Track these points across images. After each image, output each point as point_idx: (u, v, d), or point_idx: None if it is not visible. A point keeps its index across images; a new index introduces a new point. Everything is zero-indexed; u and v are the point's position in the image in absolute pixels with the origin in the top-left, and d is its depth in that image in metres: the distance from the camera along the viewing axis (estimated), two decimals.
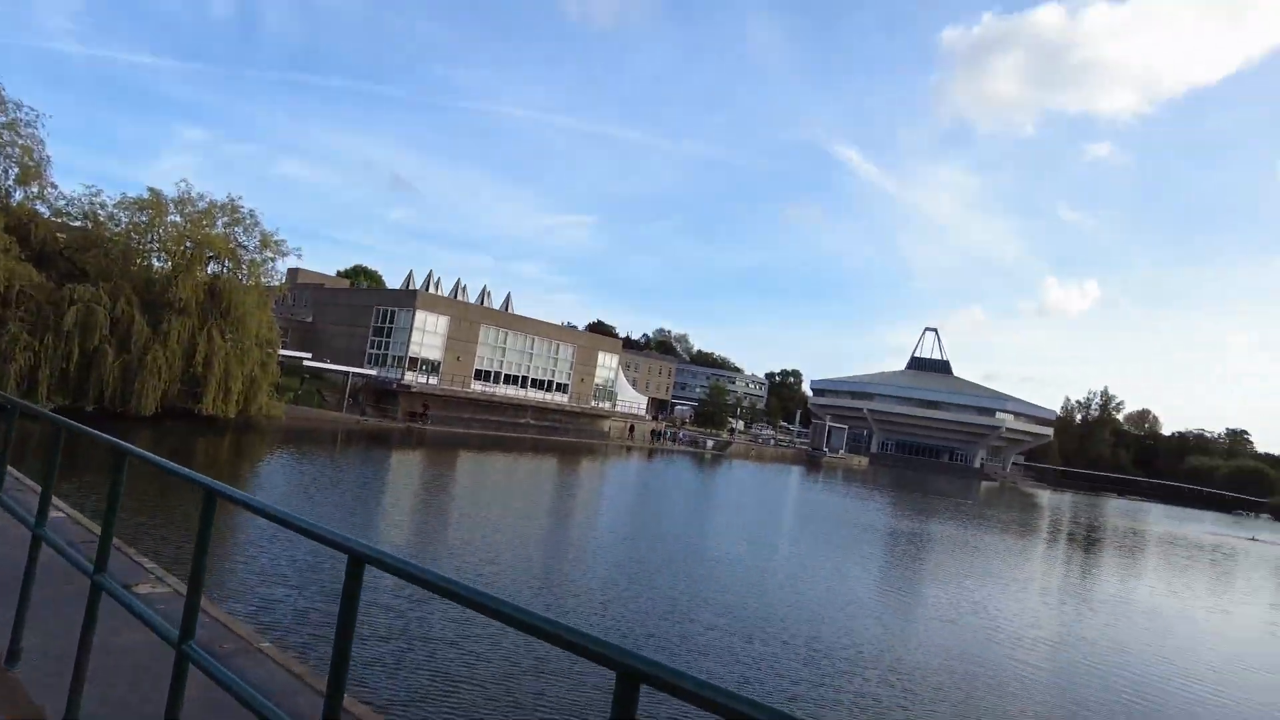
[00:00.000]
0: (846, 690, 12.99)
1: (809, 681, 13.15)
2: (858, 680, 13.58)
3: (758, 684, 12.66)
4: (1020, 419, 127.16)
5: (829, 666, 14.09)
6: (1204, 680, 17.32)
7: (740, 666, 13.43)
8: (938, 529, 40.59)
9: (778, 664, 13.83)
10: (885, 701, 12.73)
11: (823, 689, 12.87)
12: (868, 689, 13.21)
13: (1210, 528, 73.63)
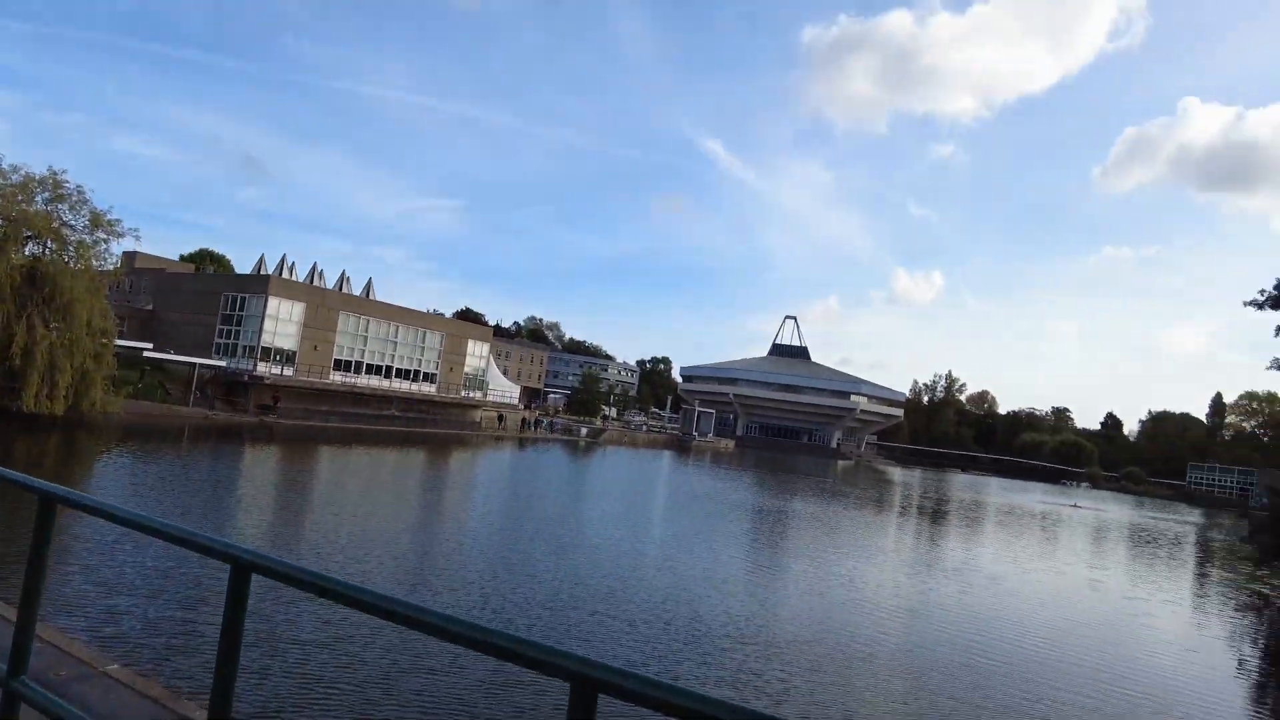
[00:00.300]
0: (728, 667, 13.23)
1: (693, 660, 13.30)
2: (738, 656, 13.87)
3: (644, 668, 12.68)
4: (873, 401, 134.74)
5: (711, 645, 14.32)
6: (1044, 637, 18.87)
7: (625, 650, 13.41)
8: (801, 506, 42.37)
9: (661, 645, 13.92)
10: (766, 675, 13.06)
11: (706, 667, 13.05)
12: (749, 664, 13.51)
13: (1040, 497, 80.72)
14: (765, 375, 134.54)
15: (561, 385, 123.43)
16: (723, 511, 36.42)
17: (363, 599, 2.11)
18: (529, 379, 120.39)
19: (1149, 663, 17.96)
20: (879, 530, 38.37)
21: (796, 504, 43.59)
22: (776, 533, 32.11)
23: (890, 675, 14.11)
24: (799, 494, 49.93)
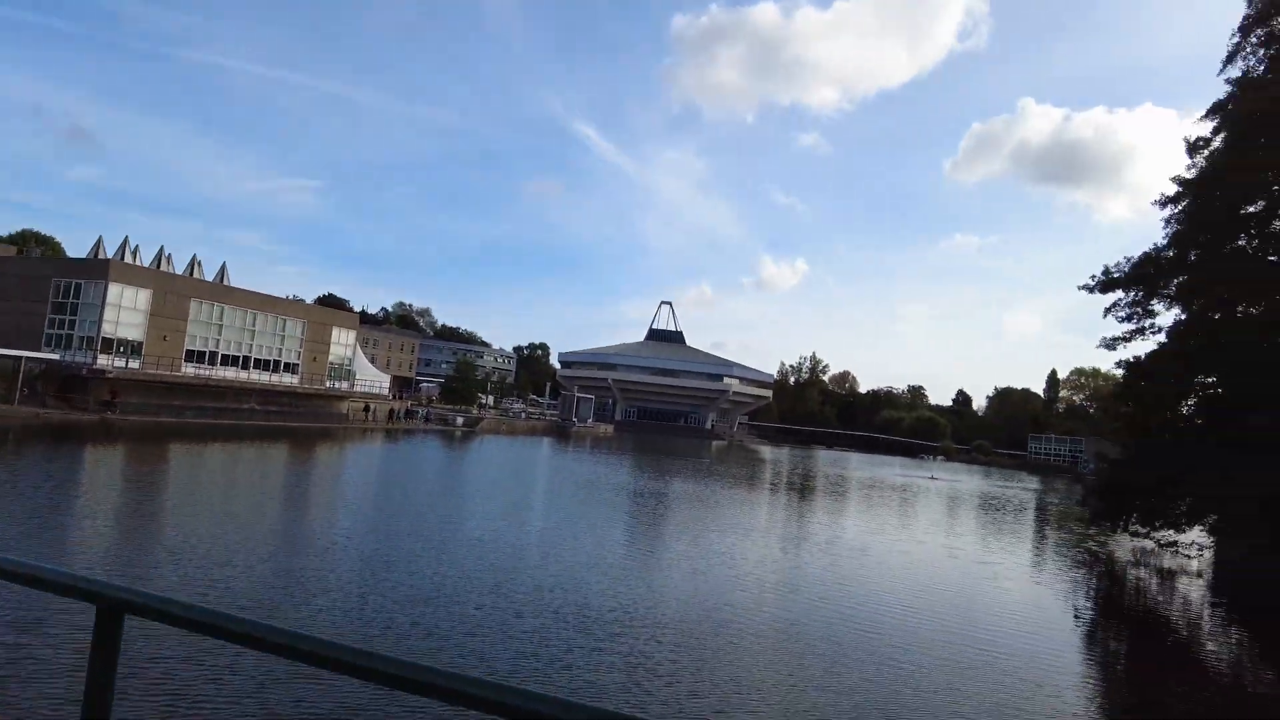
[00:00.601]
0: (619, 651, 13.26)
1: (583, 648, 13.24)
2: (628, 640, 13.93)
3: (534, 658, 12.52)
4: (744, 383, 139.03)
5: (601, 631, 14.30)
6: (909, 604, 20.03)
7: (515, 642, 13.19)
8: (680, 487, 43.19)
9: (551, 635, 13.79)
10: (656, 658, 13.17)
11: (599, 654, 13.03)
12: (639, 647, 13.59)
13: (899, 470, 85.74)
14: (643, 360, 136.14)
15: (435, 374, 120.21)
16: (604, 496, 36.58)
17: (266, 637, 1.84)
18: (400, 368, 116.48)
19: (1002, 621, 19.38)
20: (755, 507, 39.63)
21: (675, 485, 44.38)
22: (658, 514, 32.55)
23: (774, 649, 14.55)
24: (677, 475, 50.87)
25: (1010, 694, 13.36)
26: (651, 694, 11.57)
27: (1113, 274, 32.99)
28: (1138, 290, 31.69)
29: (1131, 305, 32.47)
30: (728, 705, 11.51)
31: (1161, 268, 30.13)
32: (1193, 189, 28.63)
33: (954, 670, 14.26)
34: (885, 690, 12.79)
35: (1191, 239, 27.77)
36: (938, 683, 13.41)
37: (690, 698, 11.67)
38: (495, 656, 12.49)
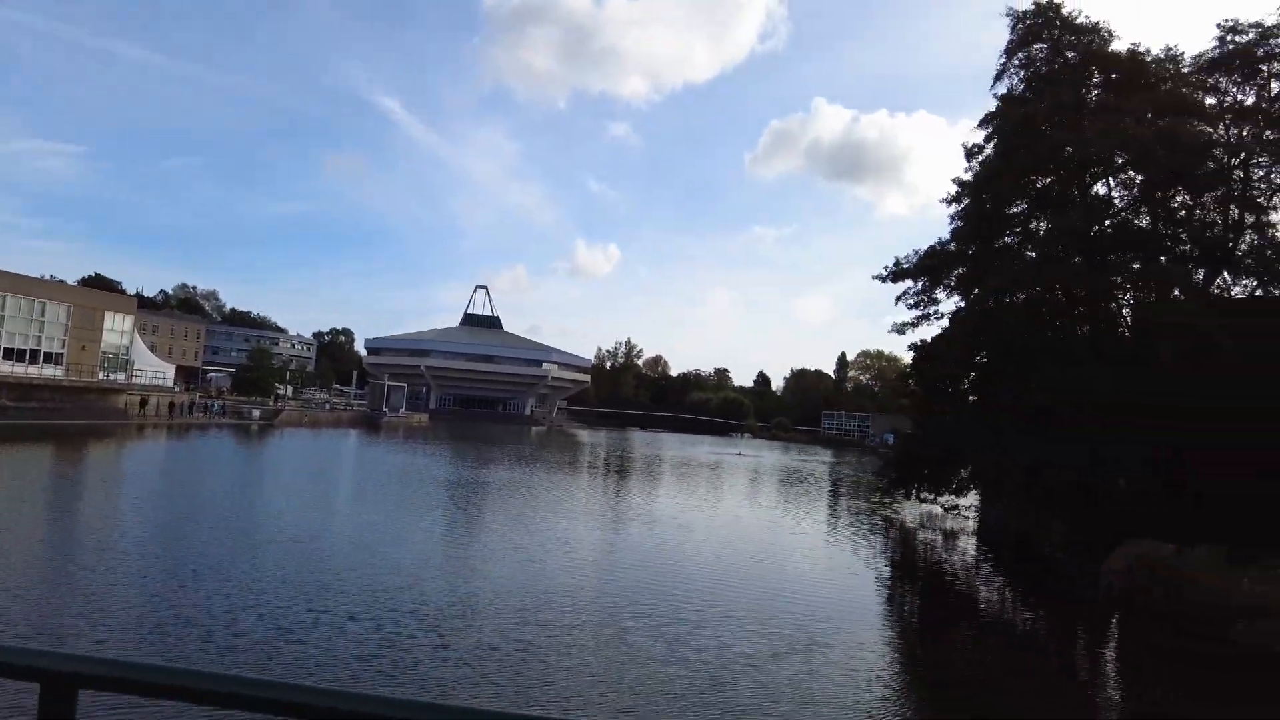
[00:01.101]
0: (465, 646, 12.97)
1: (428, 645, 12.83)
2: (474, 634, 13.66)
3: (376, 660, 11.97)
4: (563, 368, 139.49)
5: (444, 626, 13.92)
6: (734, 576, 21.13)
7: (353, 646, 12.54)
8: (506, 475, 42.76)
9: (391, 635, 13.24)
10: (504, 649, 13.02)
11: (445, 650, 12.68)
12: (485, 640, 13.37)
13: (710, 449, 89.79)
14: (458, 346, 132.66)
15: (225, 363, 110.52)
16: (427, 488, 35.46)
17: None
18: (184, 356, 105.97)
19: (816, 584, 20.99)
20: (580, 491, 40.05)
21: (499, 473, 43.87)
22: (485, 504, 32.02)
23: (614, 629, 14.80)
24: (499, 463, 50.27)
25: (820, 650, 14.50)
26: (502, 685, 11.44)
27: (903, 265, 36.28)
28: (924, 280, 35.07)
29: (918, 294, 35.93)
30: (583, 691, 11.61)
31: (944, 260, 33.54)
32: (970, 190, 32.13)
33: (774, 632, 15.23)
34: (716, 660, 13.43)
35: (969, 235, 31.14)
36: (760, 647, 14.28)
37: (543, 686, 11.65)
38: (332, 662, 11.80)
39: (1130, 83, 27.44)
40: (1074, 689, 14.64)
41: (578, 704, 11.03)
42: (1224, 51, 29.74)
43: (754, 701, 11.69)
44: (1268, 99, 29.45)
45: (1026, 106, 28.29)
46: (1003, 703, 12.93)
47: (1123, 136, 24.05)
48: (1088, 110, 27.10)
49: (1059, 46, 29.41)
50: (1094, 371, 23.65)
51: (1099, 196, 28.80)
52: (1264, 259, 26.17)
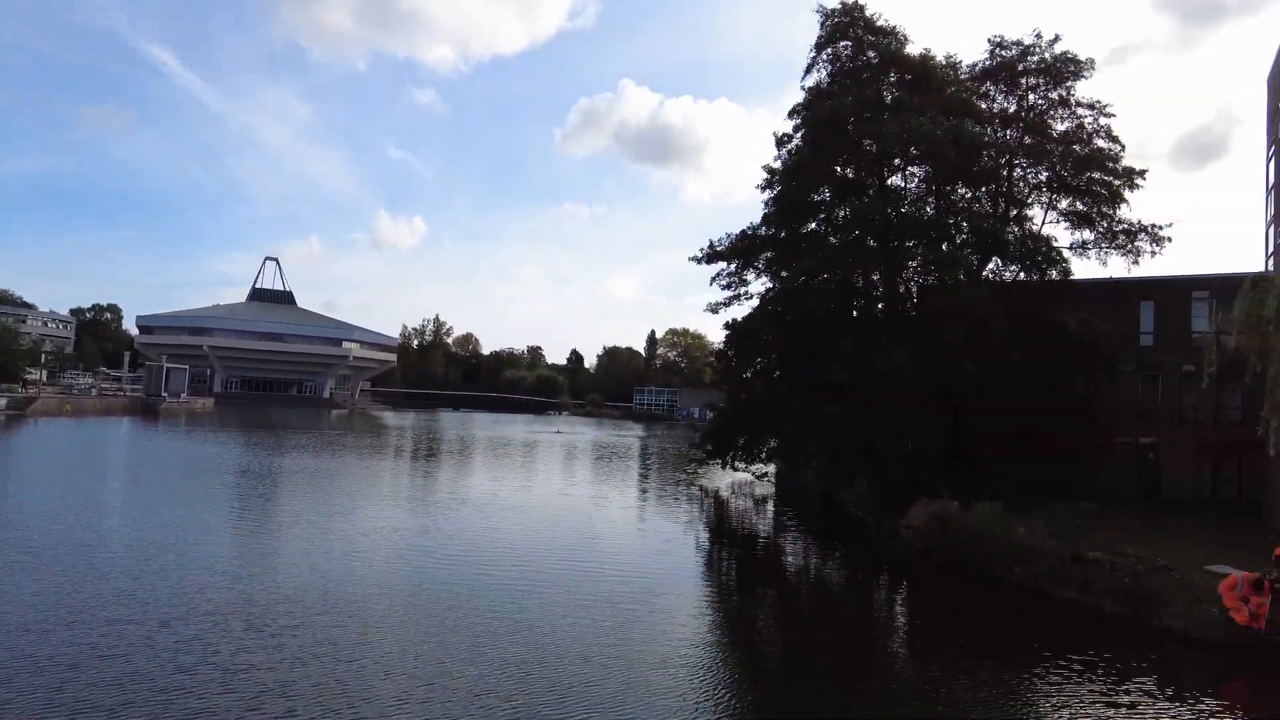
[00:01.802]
0: (301, 644, 12.12)
1: (261, 648, 11.86)
2: (309, 631, 12.80)
3: (204, 668, 10.90)
4: (366, 347, 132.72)
5: (275, 625, 12.94)
6: (569, 552, 21.29)
7: (168, 654, 11.37)
8: (309, 462, 40.21)
9: (215, 639, 12.14)
10: (345, 643, 12.32)
11: (279, 650, 11.78)
12: (322, 635, 12.57)
13: (528, 428, 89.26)
14: (246, 323, 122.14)
15: None
16: (224, 480, 32.58)
17: None
18: None
19: (642, 558, 21.67)
20: (397, 477, 38.51)
21: (306, 460, 41.18)
22: (293, 494, 29.97)
23: (465, 614, 14.45)
24: (302, 449, 47.17)
25: (643, 613, 15.04)
26: (349, 682, 10.82)
27: (716, 248, 37.86)
28: (737, 262, 36.80)
29: (730, 275, 37.69)
30: (438, 680, 11.24)
31: (755, 244, 35.36)
32: (780, 178, 34.03)
33: (599, 613, 15.45)
34: (543, 637, 13.48)
35: (780, 220, 32.94)
36: (585, 629, 14.54)
37: (385, 677, 11.16)
38: (149, 675, 10.59)
39: (922, 84, 30.24)
40: (881, 632, 16.19)
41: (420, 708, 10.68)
42: (993, 64, 33.54)
43: (576, 692, 11.08)
44: (1025, 108, 33.60)
45: (833, 100, 30.32)
46: (818, 655, 13.92)
47: (918, 134, 26.50)
48: (886, 107, 29.55)
49: (862, 45, 31.77)
50: (889, 350, 26.04)
51: (894, 187, 31.60)
52: (1026, 249, 29.96)
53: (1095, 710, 11.33)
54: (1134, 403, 33.20)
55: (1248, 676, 13.51)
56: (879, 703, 11.60)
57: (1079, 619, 16.07)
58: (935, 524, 21.36)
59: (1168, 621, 14.84)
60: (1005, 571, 18.46)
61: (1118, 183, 30.93)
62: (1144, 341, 33.25)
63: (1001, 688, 12.23)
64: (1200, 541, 21.00)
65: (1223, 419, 31.97)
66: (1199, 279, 32.73)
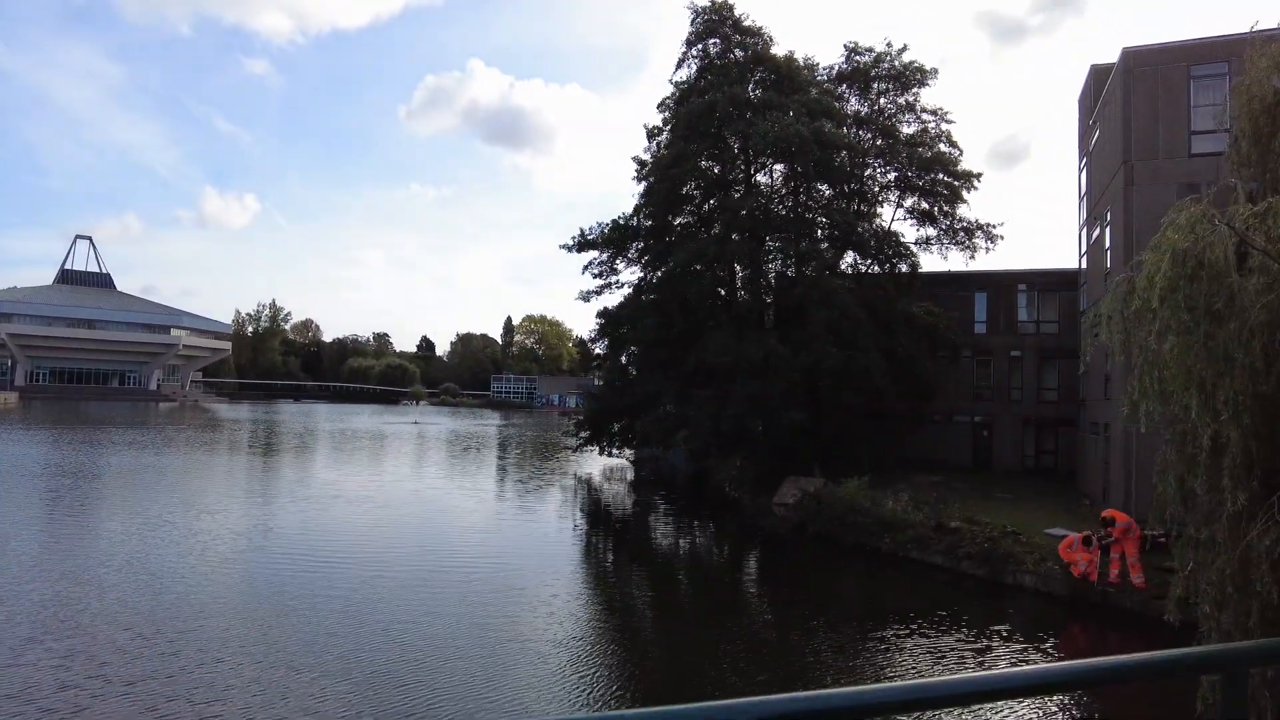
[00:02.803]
0: (178, 666, 11.46)
1: (126, 662, 11.10)
2: (185, 647, 12.10)
3: (81, 686, 10.09)
4: (196, 335, 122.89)
5: (143, 642, 12.10)
6: (451, 547, 21.05)
7: (58, 672, 10.41)
8: (131, 459, 37.07)
9: (88, 653, 11.21)
10: (235, 647, 11.75)
11: (172, 658, 11.07)
12: (208, 649, 11.92)
13: (381, 419, 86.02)
14: (55, 309, 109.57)
15: None
16: (34, 484, 29.47)
17: None
18: None
19: (521, 541, 21.81)
20: (247, 473, 36.29)
21: (147, 458, 37.95)
22: (127, 495, 27.51)
23: (339, 619, 14.11)
24: (130, 447, 43.27)
25: (523, 616, 15.23)
26: (238, 689, 10.39)
27: (588, 236, 38.18)
28: (610, 251, 37.28)
29: (602, 264, 38.14)
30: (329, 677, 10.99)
31: (628, 234, 35.95)
32: (652, 169, 34.75)
33: (475, 608, 15.60)
34: (415, 636, 13.53)
35: (653, 212, 33.59)
36: (462, 628, 14.67)
37: (268, 670, 10.82)
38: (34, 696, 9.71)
39: (786, 83, 31.79)
40: (759, 606, 17.19)
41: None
42: (848, 68, 35.72)
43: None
44: (876, 111, 36.08)
45: (707, 96, 31.28)
46: (697, 631, 14.62)
47: (788, 134, 27.91)
48: (754, 105, 30.87)
49: (730, 44, 32.93)
50: (760, 338, 27.44)
51: (759, 184, 33.08)
52: (878, 244, 32.27)
53: (962, 654, 12.73)
54: (969, 383, 36.65)
55: (1082, 621, 15.52)
56: (754, 666, 12.32)
57: (945, 581, 17.79)
58: (808, 500, 22.79)
59: (1020, 579, 16.74)
60: (876, 542, 20.05)
61: (958, 184, 33.92)
62: (978, 329, 36.76)
63: (879, 642, 13.45)
64: (1032, 508, 23.62)
65: (1043, 398, 35.94)
66: (1022, 273, 36.53)
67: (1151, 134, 21.39)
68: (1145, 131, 21.49)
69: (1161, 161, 21.21)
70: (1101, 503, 23.95)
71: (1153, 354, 8.10)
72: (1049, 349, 35.67)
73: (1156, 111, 21.36)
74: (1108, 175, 24.01)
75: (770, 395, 26.86)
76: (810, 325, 27.12)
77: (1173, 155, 21.10)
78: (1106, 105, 24.30)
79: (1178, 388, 8.12)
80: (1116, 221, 22.61)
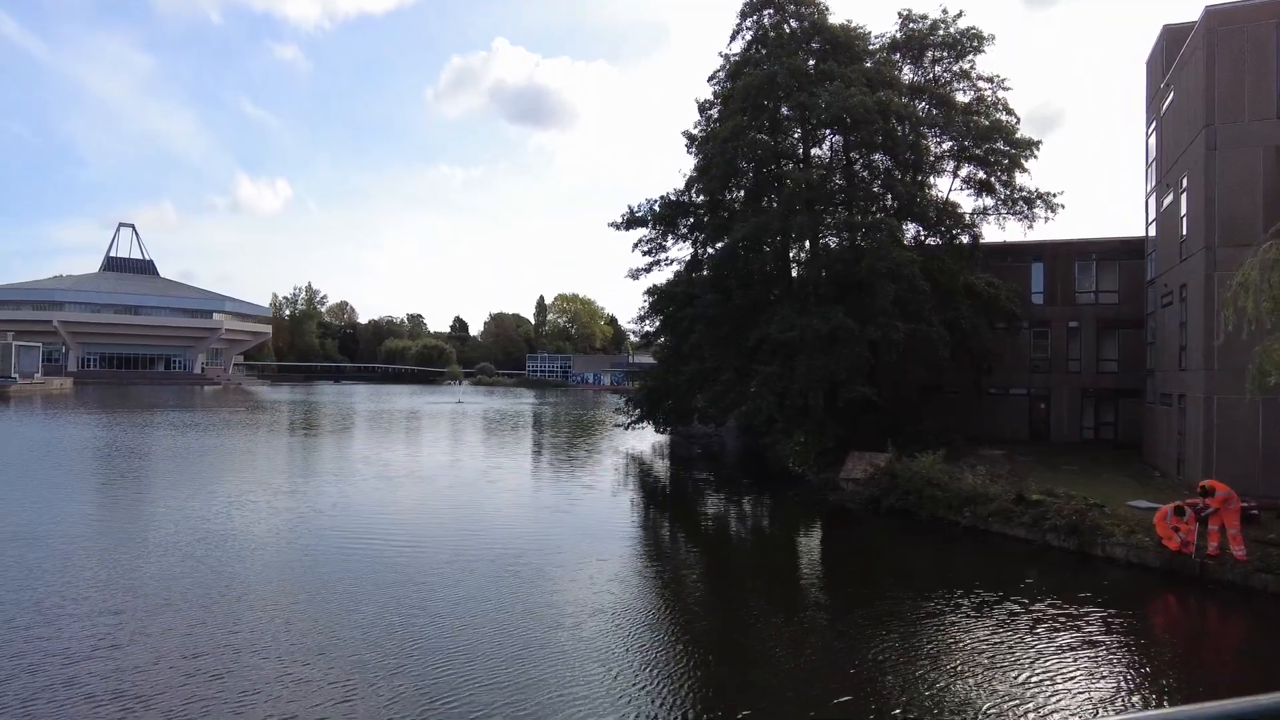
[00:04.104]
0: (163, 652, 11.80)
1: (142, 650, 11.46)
2: (248, 622, 12.43)
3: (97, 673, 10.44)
4: (238, 319, 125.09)
5: (148, 627, 12.46)
6: (533, 515, 21.34)
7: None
8: (196, 442, 37.92)
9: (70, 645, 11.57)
10: (266, 630, 12.06)
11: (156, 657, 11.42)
12: (190, 639, 12.25)
13: (427, 399, 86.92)
14: (103, 296, 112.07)
15: None
16: (93, 465, 30.31)
17: None
18: None
19: (594, 509, 22.05)
20: (319, 452, 36.98)
21: (210, 440, 38.83)
22: (213, 478, 28.24)
23: (410, 587, 14.41)
24: (196, 430, 44.27)
25: (594, 577, 15.50)
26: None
27: (637, 214, 38.08)
28: (659, 229, 37.17)
29: (651, 242, 38.02)
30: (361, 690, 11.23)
31: (679, 211, 35.79)
32: (703, 144, 34.45)
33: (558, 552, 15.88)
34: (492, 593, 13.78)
35: (709, 186, 33.22)
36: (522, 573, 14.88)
37: (297, 685, 11.09)
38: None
39: (843, 53, 31.27)
40: (840, 579, 17.22)
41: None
42: (903, 36, 35.05)
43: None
44: (930, 79, 35.40)
45: (763, 68, 30.82)
46: (773, 605, 14.76)
47: (851, 105, 27.49)
48: (812, 77, 30.41)
49: (785, 14, 32.42)
50: (826, 311, 27.27)
51: (816, 157, 32.69)
52: (939, 215, 31.80)
53: (1058, 623, 12.70)
54: (1026, 355, 36.20)
55: (1176, 591, 15.38)
56: (849, 639, 12.31)
57: (1030, 554, 17.70)
58: (881, 475, 22.72)
59: (1110, 551, 16.61)
60: (955, 516, 19.98)
61: (1017, 152, 33.25)
62: (1034, 300, 36.23)
63: (977, 614, 13.43)
64: (1102, 480, 23.37)
65: (1102, 369, 35.41)
66: (1082, 242, 35.88)
67: (1237, 95, 20.78)
68: (1229, 93, 20.89)
69: (1247, 123, 20.63)
70: (1175, 475, 23.66)
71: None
72: (1107, 319, 35.10)
73: (1242, 71, 20.74)
74: (1185, 139, 23.41)
75: (838, 369, 26.74)
76: (877, 298, 26.85)
77: (1261, 116, 20.50)
78: (1184, 67, 23.62)
79: None
80: (1196, 187, 22.06)
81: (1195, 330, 21.88)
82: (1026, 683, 10.48)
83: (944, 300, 29.79)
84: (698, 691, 10.20)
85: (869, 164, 32.00)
